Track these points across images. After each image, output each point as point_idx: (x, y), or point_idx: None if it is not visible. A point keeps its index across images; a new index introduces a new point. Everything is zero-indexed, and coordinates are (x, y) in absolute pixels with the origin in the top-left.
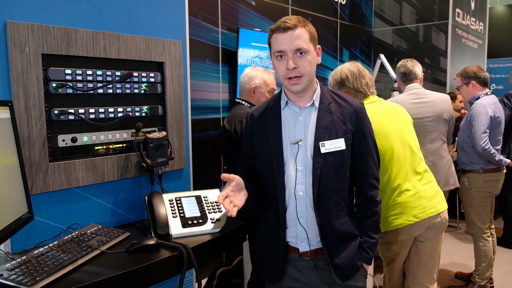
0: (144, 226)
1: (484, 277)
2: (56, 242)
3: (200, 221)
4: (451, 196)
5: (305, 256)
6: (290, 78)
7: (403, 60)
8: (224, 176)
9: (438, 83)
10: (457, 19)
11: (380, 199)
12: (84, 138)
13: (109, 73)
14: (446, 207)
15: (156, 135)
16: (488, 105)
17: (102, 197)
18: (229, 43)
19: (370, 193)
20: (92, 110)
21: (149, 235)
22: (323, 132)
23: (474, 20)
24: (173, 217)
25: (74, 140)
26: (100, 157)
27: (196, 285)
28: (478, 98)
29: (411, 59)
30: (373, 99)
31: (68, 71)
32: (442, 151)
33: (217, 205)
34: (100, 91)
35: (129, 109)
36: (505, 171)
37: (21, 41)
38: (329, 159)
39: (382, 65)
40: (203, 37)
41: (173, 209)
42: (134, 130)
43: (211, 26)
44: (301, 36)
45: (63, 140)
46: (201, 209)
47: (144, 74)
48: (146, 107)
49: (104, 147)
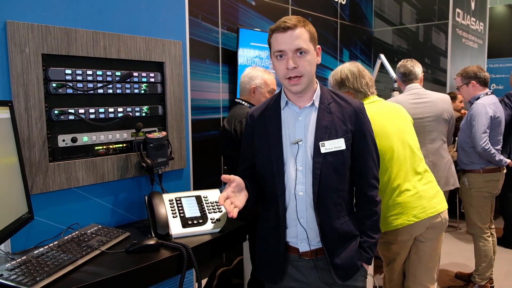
0: (144, 226)
1: (484, 277)
2: (56, 242)
3: (200, 221)
4: (451, 196)
5: (305, 256)
6: (290, 78)
7: (403, 60)
8: (225, 177)
9: (438, 83)
10: (457, 19)
11: (380, 199)
12: (84, 138)
13: (109, 73)
14: (446, 207)
15: (156, 135)
16: (488, 105)
17: (102, 197)
18: (229, 43)
19: (370, 193)
20: (92, 110)
21: (149, 235)
22: (323, 132)
23: (474, 20)
24: (173, 217)
25: (74, 140)
26: (100, 157)
27: (196, 285)
28: (478, 98)
29: (411, 59)
30: (373, 99)
31: (68, 71)
32: (442, 151)
33: (217, 205)
34: (100, 91)
35: (129, 109)
36: (505, 171)
37: (21, 41)
38: (329, 159)
39: (382, 65)
40: (203, 37)
41: (173, 209)
42: (134, 130)
43: (211, 26)
44: (301, 36)
45: (63, 140)
46: (201, 209)
47: (144, 74)
48: (146, 107)
49: (104, 147)
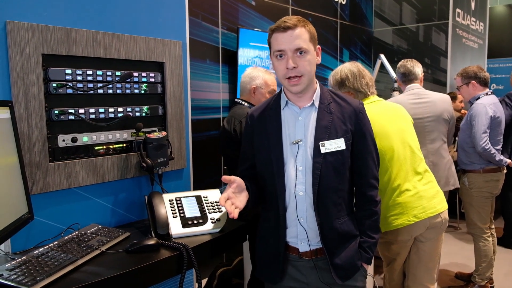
0: (144, 226)
1: (484, 277)
2: (56, 242)
3: (200, 221)
4: (451, 196)
5: (305, 256)
6: (290, 78)
7: (403, 61)
8: (225, 178)
9: (438, 83)
10: (457, 19)
11: (379, 199)
12: (84, 138)
13: (109, 73)
14: (446, 207)
15: (156, 135)
16: (488, 105)
17: (102, 197)
18: (229, 43)
19: (370, 193)
20: (92, 110)
21: (149, 235)
22: (323, 132)
23: (474, 20)
24: (173, 217)
25: (74, 140)
26: (100, 157)
27: (196, 285)
28: (478, 98)
29: (411, 59)
30: (373, 99)
31: (68, 71)
32: (442, 151)
33: (217, 205)
34: (100, 91)
35: (129, 109)
36: (505, 171)
37: (21, 41)
38: (329, 159)
39: (382, 65)
40: (203, 37)
41: (173, 209)
42: (134, 130)
43: (211, 26)
44: (301, 35)
45: (63, 140)
46: (201, 209)
47: (144, 74)
48: (146, 107)
49: (104, 147)
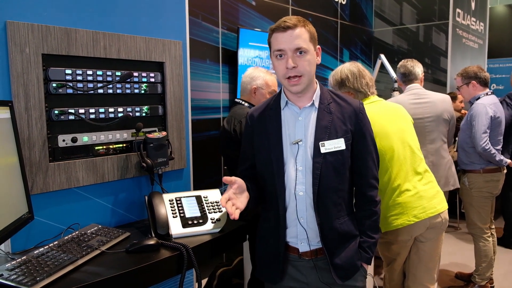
0: (144, 226)
1: (484, 277)
2: (56, 242)
3: (200, 221)
4: (451, 196)
5: (305, 256)
6: (290, 78)
7: (403, 61)
8: (226, 179)
9: (438, 83)
10: (457, 19)
11: (379, 199)
12: (84, 138)
13: (109, 73)
14: (447, 207)
15: (156, 135)
16: (488, 105)
17: (102, 197)
18: (229, 43)
19: (370, 193)
20: (92, 110)
21: (149, 235)
22: (323, 132)
23: (474, 20)
24: (173, 217)
25: (74, 140)
26: (100, 157)
27: (196, 285)
28: (479, 98)
29: (412, 59)
30: (373, 99)
31: (68, 71)
32: (443, 151)
33: (217, 205)
34: (100, 91)
35: (129, 109)
36: (505, 171)
37: (21, 41)
38: (329, 159)
39: (382, 65)
40: (203, 37)
41: (173, 209)
42: (134, 130)
43: (211, 26)
44: (301, 35)
45: (63, 140)
46: (201, 209)
47: (144, 74)
48: (146, 107)
49: (104, 147)
